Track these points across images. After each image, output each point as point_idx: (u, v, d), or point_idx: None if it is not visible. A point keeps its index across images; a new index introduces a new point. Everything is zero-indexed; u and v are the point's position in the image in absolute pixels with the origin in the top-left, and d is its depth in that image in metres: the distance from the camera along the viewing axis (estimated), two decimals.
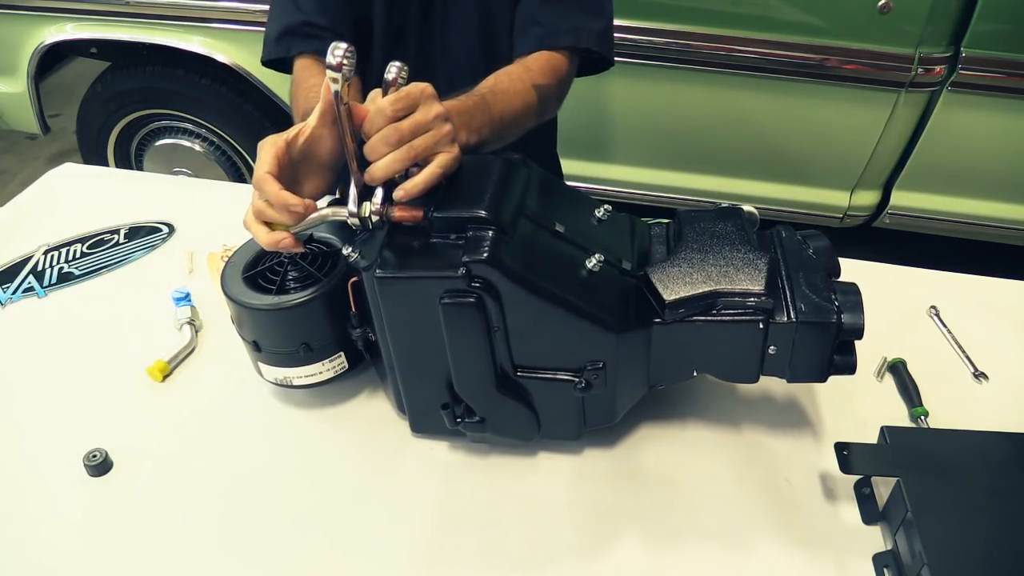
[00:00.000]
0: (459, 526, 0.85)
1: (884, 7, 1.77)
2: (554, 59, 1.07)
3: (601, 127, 2.16)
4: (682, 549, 0.82)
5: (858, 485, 0.86)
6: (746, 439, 0.94)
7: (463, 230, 0.79)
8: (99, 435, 0.93)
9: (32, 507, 0.87)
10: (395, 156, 0.78)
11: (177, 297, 1.11)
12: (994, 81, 1.86)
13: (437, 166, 0.80)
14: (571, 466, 0.91)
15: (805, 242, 0.88)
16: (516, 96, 1.01)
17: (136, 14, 2.11)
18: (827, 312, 0.79)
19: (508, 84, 1.01)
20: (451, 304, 0.77)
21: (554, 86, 1.07)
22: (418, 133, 0.79)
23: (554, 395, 0.84)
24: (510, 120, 1.00)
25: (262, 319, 0.89)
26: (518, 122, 1.02)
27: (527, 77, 1.03)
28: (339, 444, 0.94)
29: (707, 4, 1.89)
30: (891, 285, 1.14)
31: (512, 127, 1.01)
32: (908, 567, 0.76)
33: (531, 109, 1.03)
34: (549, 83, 1.06)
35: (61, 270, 1.21)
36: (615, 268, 0.86)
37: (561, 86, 1.10)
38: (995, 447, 0.84)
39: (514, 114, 1.00)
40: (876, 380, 1.02)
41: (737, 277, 0.80)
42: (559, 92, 1.10)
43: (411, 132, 0.78)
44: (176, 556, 0.82)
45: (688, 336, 0.82)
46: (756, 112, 2.04)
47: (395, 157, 0.78)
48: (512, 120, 1.00)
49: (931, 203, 2.13)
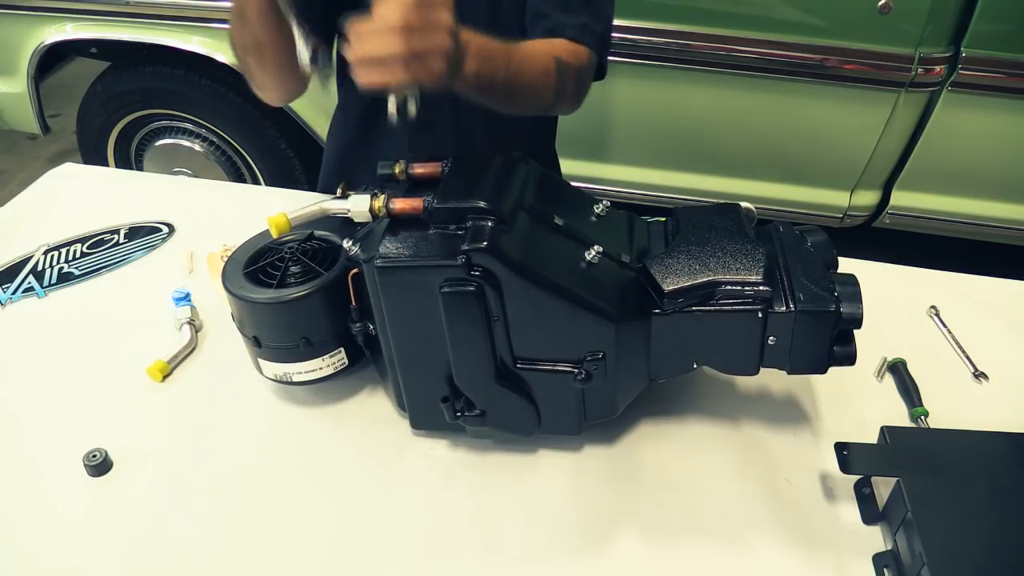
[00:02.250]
0: (459, 524, 0.85)
1: (884, 7, 1.77)
2: (574, 46, 1.04)
3: (601, 127, 2.16)
4: (682, 548, 0.82)
5: (858, 485, 0.86)
6: (746, 439, 0.94)
7: (463, 220, 0.80)
8: (99, 435, 0.93)
9: (32, 507, 0.87)
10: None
11: (177, 297, 1.11)
12: (994, 81, 1.86)
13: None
14: (571, 464, 0.91)
15: (803, 237, 0.88)
16: (538, 60, 0.97)
17: (136, 14, 2.11)
18: (826, 301, 0.79)
19: (532, 48, 0.99)
20: (451, 293, 0.78)
21: (573, 69, 1.03)
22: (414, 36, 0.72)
23: (554, 387, 0.84)
24: (526, 79, 0.95)
25: (262, 313, 0.89)
26: (533, 86, 0.97)
27: (550, 49, 1.01)
28: (339, 443, 0.94)
29: (707, 4, 1.89)
30: (891, 285, 1.13)
31: (526, 88, 0.96)
32: (908, 567, 0.76)
33: (549, 78, 0.99)
34: (570, 63, 1.02)
35: (61, 270, 1.21)
36: (614, 261, 0.86)
37: (580, 74, 1.05)
38: (995, 447, 0.84)
39: (531, 74, 0.96)
40: (876, 380, 1.02)
41: (736, 267, 0.81)
42: (577, 79, 1.05)
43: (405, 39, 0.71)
44: (176, 556, 0.82)
45: (687, 326, 0.82)
46: (756, 112, 2.04)
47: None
48: (527, 80, 0.95)
49: (931, 203, 2.13)
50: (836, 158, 2.10)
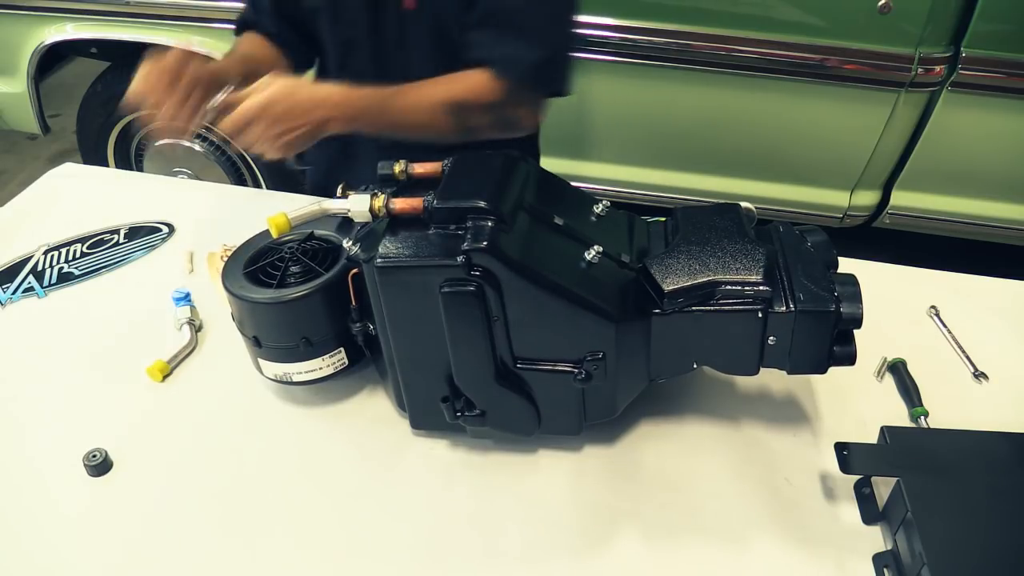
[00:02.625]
0: (459, 524, 0.85)
1: (884, 7, 1.77)
2: (489, 80, 1.06)
3: (602, 127, 2.15)
4: (682, 548, 0.82)
5: (858, 485, 0.86)
6: (746, 439, 0.94)
7: (463, 220, 0.80)
8: (99, 435, 0.93)
9: (32, 507, 0.87)
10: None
11: (177, 297, 1.11)
12: (994, 81, 1.86)
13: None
14: (571, 464, 0.91)
15: (803, 237, 0.88)
16: (422, 106, 1.05)
17: (136, 14, 2.12)
18: (826, 301, 0.79)
19: (418, 95, 1.05)
20: (451, 293, 0.78)
21: (479, 106, 1.06)
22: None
23: (554, 387, 0.84)
24: (410, 124, 1.06)
25: (262, 313, 0.89)
26: (421, 126, 1.06)
27: (444, 93, 1.05)
28: (339, 443, 0.94)
29: (707, 4, 1.89)
30: (891, 285, 1.13)
31: (413, 131, 1.06)
32: (908, 567, 0.76)
33: (440, 120, 1.05)
34: (471, 102, 1.06)
35: (61, 270, 1.21)
36: (614, 261, 0.86)
37: (494, 108, 1.07)
38: (995, 447, 0.84)
39: (416, 121, 1.05)
40: (876, 380, 1.02)
41: (736, 267, 0.81)
42: (491, 113, 1.08)
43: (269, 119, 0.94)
44: (176, 555, 0.82)
45: (687, 326, 0.82)
46: (756, 112, 2.04)
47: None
48: (412, 124, 1.06)
49: (931, 203, 2.13)
50: (836, 158, 2.10)
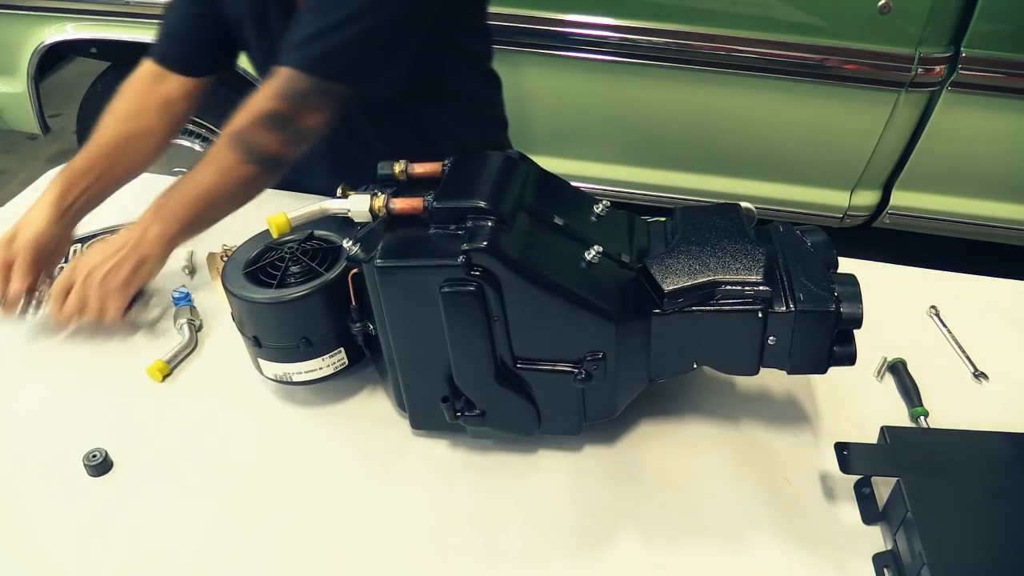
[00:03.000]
0: (459, 524, 0.85)
1: (884, 7, 1.77)
2: (262, 89, 1.02)
3: (602, 127, 2.15)
4: (682, 548, 0.82)
5: (858, 485, 0.86)
6: (746, 438, 0.94)
7: (463, 220, 0.80)
8: (99, 435, 0.93)
9: (32, 507, 0.87)
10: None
11: (177, 297, 1.11)
12: (994, 81, 1.86)
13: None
14: (571, 464, 0.91)
15: (803, 237, 0.88)
16: (209, 167, 1.03)
17: (136, 14, 2.11)
18: (826, 301, 0.79)
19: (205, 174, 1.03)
20: (451, 293, 0.77)
21: (256, 122, 1.00)
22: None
23: (554, 387, 0.84)
24: (224, 197, 1.04)
25: (262, 313, 0.89)
26: (236, 185, 1.04)
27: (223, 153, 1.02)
28: (339, 443, 0.94)
29: (707, 4, 1.89)
30: (891, 285, 1.13)
31: (233, 198, 1.05)
32: (908, 567, 0.76)
33: (241, 168, 1.02)
34: (247, 121, 1.01)
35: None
36: (614, 261, 0.86)
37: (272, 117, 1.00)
38: (995, 447, 0.84)
39: (224, 188, 1.03)
40: (876, 380, 1.02)
41: (735, 267, 0.81)
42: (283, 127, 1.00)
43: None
44: (176, 555, 0.82)
45: (687, 326, 0.82)
46: (756, 112, 2.04)
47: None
48: (226, 194, 1.04)
49: (931, 203, 2.13)
50: (836, 158, 2.10)
